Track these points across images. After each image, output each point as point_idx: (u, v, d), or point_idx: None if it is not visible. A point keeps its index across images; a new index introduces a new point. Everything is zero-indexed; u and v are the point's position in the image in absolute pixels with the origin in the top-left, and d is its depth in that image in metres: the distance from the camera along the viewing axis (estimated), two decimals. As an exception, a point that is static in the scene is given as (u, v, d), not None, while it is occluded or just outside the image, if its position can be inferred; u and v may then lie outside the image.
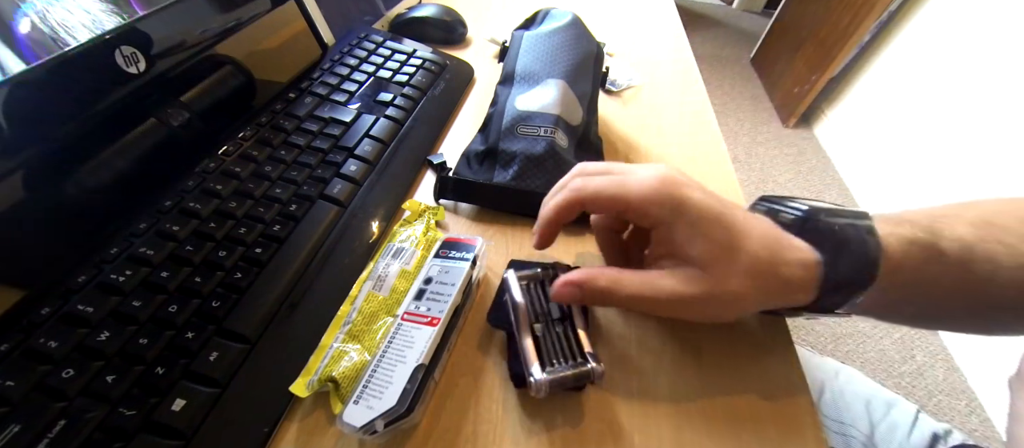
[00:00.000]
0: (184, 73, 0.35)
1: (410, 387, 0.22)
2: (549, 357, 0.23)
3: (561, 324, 0.25)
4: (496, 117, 0.37)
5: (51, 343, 0.22)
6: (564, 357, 0.23)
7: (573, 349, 0.24)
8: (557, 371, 0.23)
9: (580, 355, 0.23)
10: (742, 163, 1.76)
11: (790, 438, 0.24)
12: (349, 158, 0.36)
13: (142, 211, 0.29)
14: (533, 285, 0.27)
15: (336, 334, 0.25)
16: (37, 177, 0.27)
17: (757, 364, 0.27)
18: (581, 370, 0.23)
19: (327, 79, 0.43)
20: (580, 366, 0.23)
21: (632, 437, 0.23)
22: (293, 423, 0.23)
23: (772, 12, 2.25)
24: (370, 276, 0.28)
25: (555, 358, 0.23)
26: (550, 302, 0.26)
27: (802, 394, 0.25)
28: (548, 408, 0.24)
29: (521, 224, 0.34)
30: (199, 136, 0.34)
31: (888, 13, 1.58)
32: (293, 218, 0.31)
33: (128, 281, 0.25)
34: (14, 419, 0.19)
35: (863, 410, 0.45)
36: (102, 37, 0.29)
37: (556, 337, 0.24)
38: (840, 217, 0.23)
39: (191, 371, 0.22)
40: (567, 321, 0.25)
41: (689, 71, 0.57)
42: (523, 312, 0.25)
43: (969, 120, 1.24)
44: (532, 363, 0.23)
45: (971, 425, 1.03)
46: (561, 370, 0.23)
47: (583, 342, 0.24)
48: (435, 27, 0.56)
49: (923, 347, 1.17)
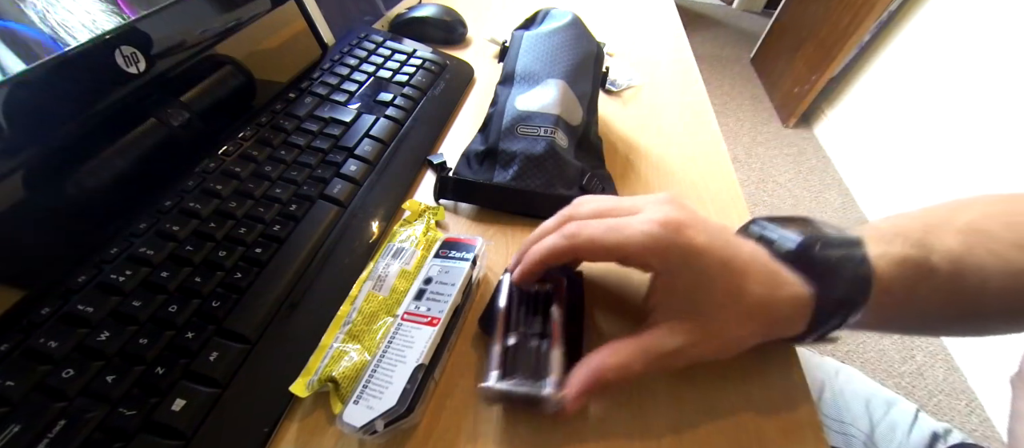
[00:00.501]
0: (184, 73, 0.35)
1: (410, 387, 0.22)
2: (512, 369, 0.22)
3: (538, 339, 0.24)
4: (496, 117, 0.37)
5: (51, 343, 0.22)
6: (527, 374, 0.22)
7: (539, 368, 0.22)
8: (511, 384, 0.22)
9: (541, 377, 0.22)
10: (742, 163, 1.76)
11: (790, 438, 0.24)
12: (349, 158, 0.36)
13: (142, 211, 0.29)
14: (527, 294, 0.26)
15: (336, 334, 0.25)
16: (37, 177, 0.27)
17: (757, 364, 0.27)
18: (532, 391, 0.21)
19: (327, 79, 0.43)
20: (534, 387, 0.21)
21: (632, 437, 0.23)
22: (293, 423, 0.23)
23: (772, 12, 2.25)
24: (370, 276, 0.28)
25: (517, 372, 0.22)
26: (536, 316, 0.25)
27: (802, 394, 0.25)
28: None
29: (521, 224, 0.34)
30: (199, 136, 0.34)
31: (888, 13, 1.58)
32: (293, 218, 0.31)
33: (128, 281, 0.25)
34: (14, 419, 0.19)
35: (863, 409, 0.45)
36: (102, 37, 0.29)
37: (528, 352, 0.23)
38: (833, 248, 0.23)
39: (191, 371, 0.22)
40: (546, 340, 0.23)
41: (689, 71, 0.57)
42: (500, 319, 0.24)
43: (969, 120, 1.24)
44: (491, 370, 0.22)
45: (971, 425, 1.03)
46: (515, 385, 0.22)
47: (553, 364, 0.22)
48: (435, 27, 0.56)
49: (923, 347, 1.17)
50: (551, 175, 0.33)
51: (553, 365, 0.22)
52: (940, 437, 0.43)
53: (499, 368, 0.22)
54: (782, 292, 0.22)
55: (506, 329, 0.24)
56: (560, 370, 0.22)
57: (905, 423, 0.44)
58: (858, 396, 0.47)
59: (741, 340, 0.22)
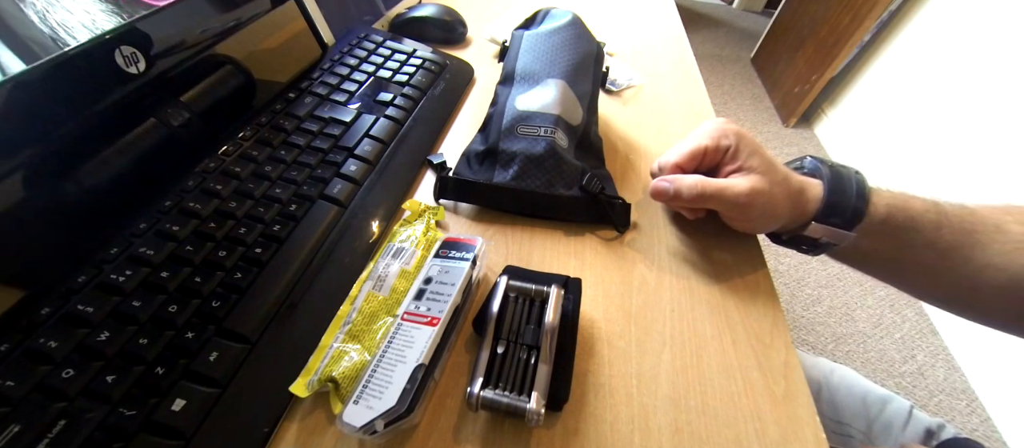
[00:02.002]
0: (184, 73, 0.35)
1: (410, 387, 0.22)
2: (497, 378, 0.23)
3: (527, 351, 0.24)
4: (496, 117, 0.37)
5: (51, 343, 0.22)
6: (511, 384, 0.23)
7: (524, 380, 0.23)
8: (496, 394, 0.22)
9: (527, 391, 0.22)
10: (742, 163, 1.75)
11: (790, 438, 0.24)
12: (349, 158, 0.36)
13: (142, 211, 0.29)
14: (521, 300, 0.26)
15: (336, 334, 0.25)
16: (37, 177, 0.27)
17: (758, 365, 0.27)
18: (515, 403, 0.22)
19: (327, 79, 0.43)
20: (518, 400, 0.22)
21: (632, 437, 0.23)
22: (293, 423, 0.23)
23: (772, 12, 2.25)
24: (370, 276, 0.28)
25: (502, 381, 0.23)
26: (529, 324, 0.25)
27: (802, 394, 0.25)
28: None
29: (521, 224, 0.34)
30: (199, 136, 0.34)
31: (888, 13, 1.58)
32: (293, 218, 0.31)
33: (128, 281, 0.25)
34: (14, 419, 0.19)
35: (860, 407, 0.46)
36: (102, 37, 0.29)
37: (515, 362, 0.24)
38: (842, 168, 0.32)
39: (191, 371, 0.22)
40: (534, 351, 0.24)
41: (689, 71, 0.57)
42: (491, 325, 0.24)
43: (970, 120, 1.24)
44: (477, 377, 0.23)
45: (972, 425, 1.03)
46: (499, 395, 0.22)
47: (539, 378, 0.22)
48: (435, 27, 0.56)
49: (924, 347, 1.17)
50: (551, 175, 0.33)
51: (539, 380, 0.22)
52: (933, 433, 0.43)
53: (484, 375, 0.23)
54: (797, 176, 0.31)
55: (496, 335, 0.24)
56: (545, 385, 0.22)
57: (900, 420, 0.44)
58: (854, 395, 0.47)
59: (776, 202, 0.30)
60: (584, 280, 0.28)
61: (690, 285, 0.31)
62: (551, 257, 0.32)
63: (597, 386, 0.25)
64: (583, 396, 0.25)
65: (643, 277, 0.31)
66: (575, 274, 0.29)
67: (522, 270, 0.29)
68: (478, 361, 0.23)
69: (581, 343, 0.27)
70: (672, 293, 0.30)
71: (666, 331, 0.28)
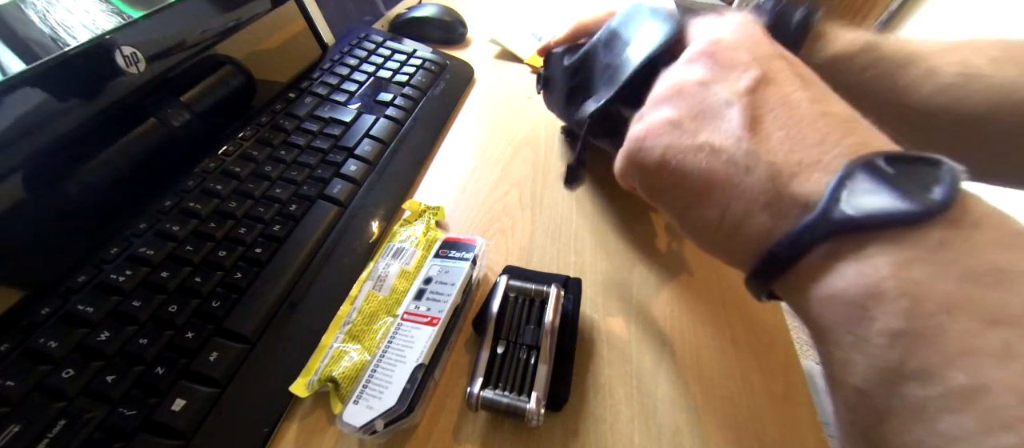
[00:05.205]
0: (184, 73, 0.35)
1: (410, 387, 0.22)
2: (497, 378, 0.23)
3: (527, 351, 0.24)
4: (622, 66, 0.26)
5: (51, 343, 0.22)
6: (511, 385, 0.23)
7: (523, 381, 0.23)
8: (496, 394, 0.22)
9: (526, 391, 0.22)
10: (742, 163, 1.75)
11: (790, 438, 0.24)
12: (349, 158, 0.36)
13: (142, 211, 0.29)
14: (521, 300, 0.26)
15: (336, 334, 0.25)
16: (37, 177, 0.27)
17: (758, 365, 0.27)
18: (515, 404, 0.22)
19: (327, 79, 0.43)
20: (518, 400, 0.22)
21: (632, 437, 0.23)
22: (293, 423, 0.23)
23: (772, 12, 2.25)
24: (370, 276, 0.28)
25: (502, 381, 0.23)
26: (529, 324, 0.25)
27: (802, 394, 0.25)
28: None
29: (521, 224, 0.34)
30: (199, 136, 0.34)
31: (888, 13, 1.58)
32: (293, 218, 0.31)
33: (128, 281, 0.25)
34: (14, 419, 0.19)
35: None
36: (102, 37, 0.29)
37: (515, 362, 0.24)
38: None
39: (191, 371, 0.22)
40: (534, 351, 0.24)
41: (689, 71, 0.57)
42: (491, 325, 0.24)
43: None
44: (477, 377, 0.23)
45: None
46: (499, 396, 0.22)
47: (539, 378, 0.22)
48: (435, 27, 0.56)
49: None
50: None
51: (539, 380, 0.22)
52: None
53: (483, 375, 0.23)
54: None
55: (496, 335, 0.24)
56: (545, 386, 0.22)
57: None
58: None
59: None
60: (584, 280, 0.28)
61: (690, 285, 0.31)
62: (551, 257, 0.32)
63: (597, 386, 0.25)
64: (583, 396, 0.25)
65: (643, 277, 0.31)
66: (575, 274, 0.29)
67: (522, 270, 0.29)
68: (478, 361, 0.23)
69: (581, 343, 0.27)
70: (672, 293, 0.30)
71: (666, 331, 0.28)
